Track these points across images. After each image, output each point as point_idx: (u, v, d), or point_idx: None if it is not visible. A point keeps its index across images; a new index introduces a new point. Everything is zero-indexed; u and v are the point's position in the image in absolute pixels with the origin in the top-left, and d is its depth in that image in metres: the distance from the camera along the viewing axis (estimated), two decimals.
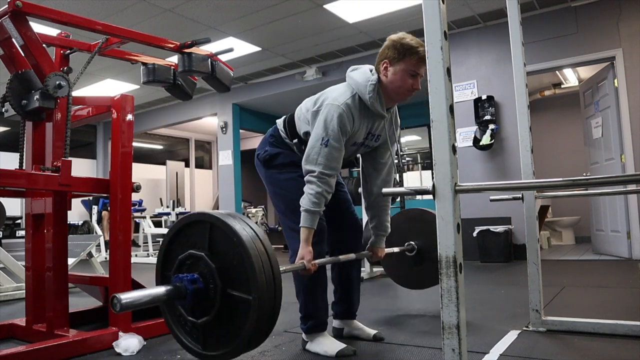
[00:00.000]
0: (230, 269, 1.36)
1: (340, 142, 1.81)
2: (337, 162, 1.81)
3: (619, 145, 4.75)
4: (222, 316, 1.36)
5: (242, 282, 1.33)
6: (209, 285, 1.37)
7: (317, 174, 1.77)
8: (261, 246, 1.35)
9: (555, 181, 1.06)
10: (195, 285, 1.37)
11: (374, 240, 2.17)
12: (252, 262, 1.30)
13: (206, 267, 1.37)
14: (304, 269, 1.74)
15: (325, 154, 1.78)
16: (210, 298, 1.37)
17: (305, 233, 1.76)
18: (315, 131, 1.82)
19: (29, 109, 2.15)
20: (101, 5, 4.52)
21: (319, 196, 1.76)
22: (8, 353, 1.84)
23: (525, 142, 2.14)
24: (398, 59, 1.84)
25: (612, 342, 1.91)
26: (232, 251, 1.35)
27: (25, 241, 2.36)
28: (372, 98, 1.85)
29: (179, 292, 1.36)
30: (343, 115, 1.79)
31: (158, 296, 1.34)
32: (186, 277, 1.38)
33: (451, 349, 1.01)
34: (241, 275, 1.33)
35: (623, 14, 4.70)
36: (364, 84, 1.86)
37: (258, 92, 7.38)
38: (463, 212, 4.86)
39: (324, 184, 1.77)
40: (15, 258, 3.77)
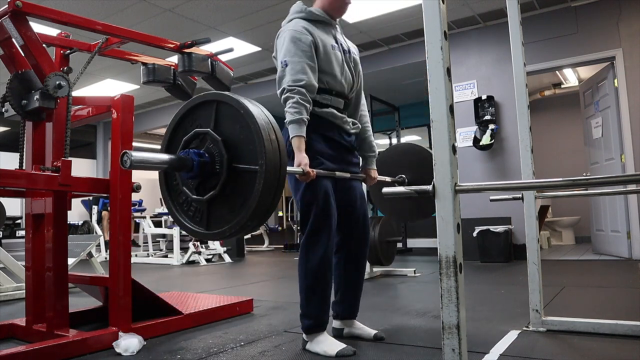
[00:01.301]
0: (237, 143, 1.37)
1: (299, 55, 1.87)
2: (303, 72, 1.86)
3: (619, 145, 4.75)
4: (228, 189, 1.37)
5: (248, 155, 1.34)
6: (215, 159, 1.38)
7: (287, 89, 1.84)
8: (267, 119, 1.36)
9: (555, 181, 1.06)
10: (201, 158, 1.38)
11: (365, 162, 2.21)
12: (260, 131, 1.31)
13: (212, 141, 1.39)
14: (303, 173, 1.77)
15: (289, 70, 1.86)
16: (216, 171, 1.38)
17: (297, 142, 1.81)
18: (277, 62, 1.94)
19: (29, 109, 2.15)
20: (101, 5, 4.52)
21: (297, 105, 1.81)
22: (8, 353, 1.84)
23: (525, 142, 2.14)
24: None
25: (612, 342, 1.91)
26: (239, 124, 1.36)
27: (25, 241, 2.36)
28: (308, 9, 1.99)
29: (186, 162, 1.37)
30: (293, 33, 1.90)
31: (166, 160, 1.36)
32: (193, 150, 1.40)
33: (451, 349, 1.01)
34: (248, 147, 1.34)
35: (623, 14, 4.70)
36: (295, 7, 2.03)
37: (258, 92, 7.38)
38: (463, 212, 4.86)
39: (296, 94, 1.82)
40: (15, 258, 3.77)
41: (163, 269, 5.77)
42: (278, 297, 3.22)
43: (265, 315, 2.73)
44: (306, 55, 1.88)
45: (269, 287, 3.92)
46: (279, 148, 1.35)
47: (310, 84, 1.86)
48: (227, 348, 2.07)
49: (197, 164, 1.37)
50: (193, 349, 2.07)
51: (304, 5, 2.02)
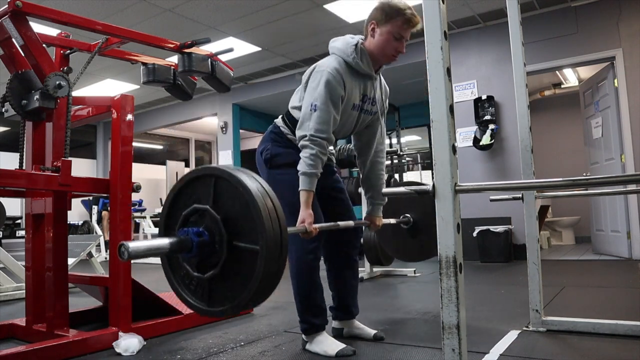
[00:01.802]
0: (236, 220, 1.35)
1: (329, 106, 1.82)
2: (328, 124, 1.82)
3: (619, 145, 4.75)
4: (229, 268, 1.35)
5: (248, 233, 1.32)
6: (215, 237, 1.36)
7: (309, 137, 1.80)
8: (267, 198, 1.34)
9: (555, 181, 1.06)
10: (200, 237, 1.36)
11: (371, 209, 2.17)
12: (259, 210, 1.28)
13: (211, 220, 1.37)
14: (306, 232, 1.74)
15: (315, 117, 1.80)
16: (216, 250, 1.36)
17: (305, 196, 1.78)
18: (305, 99, 1.87)
19: (29, 109, 2.15)
20: (101, 5, 4.52)
21: (314, 157, 1.78)
22: (8, 353, 1.84)
23: (525, 142, 2.14)
24: (385, 21, 1.86)
25: (612, 342, 1.91)
26: (238, 202, 1.34)
27: (25, 241, 2.36)
28: (356, 58, 1.88)
29: (185, 244, 1.35)
30: (330, 79, 1.82)
31: (164, 246, 1.33)
32: (191, 230, 1.37)
33: (451, 349, 1.01)
34: (248, 226, 1.32)
35: (623, 14, 4.70)
36: (344, 47, 1.91)
37: (258, 92, 7.37)
38: (463, 212, 4.86)
39: (316, 146, 1.79)
40: (15, 258, 3.77)
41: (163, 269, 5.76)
42: (278, 297, 3.22)
43: (265, 315, 2.73)
44: (335, 107, 1.84)
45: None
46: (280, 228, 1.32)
47: (330, 137, 1.84)
48: (227, 348, 2.07)
49: (197, 245, 1.35)
50: (193, 349, 2.07)
51: (355, 47, 1.89)
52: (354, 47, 1.89)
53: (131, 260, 1.27)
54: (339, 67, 1.86)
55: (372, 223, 2.16)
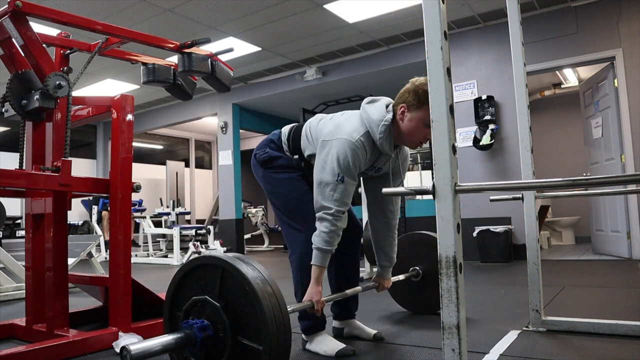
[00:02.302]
0: (241, 316, 1.35)
1: (355, 178, 1.79)
2: (350, 198, 1.80)
3: (619, 145, 4.75)
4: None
5: (252, 331, 1.32)
6: (219, 333, 1.36)
7: (333, 212, 1.73)
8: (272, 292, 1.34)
9: (555, 181, 1.06)
10: (205, 332, 1.36)
11: (380, 272, 2.16)
12: (264, 313, 1.28)
13: (216, 315, 1.37)
14: (312, 307, 1.73)
15: (341, 190, 1.75)
16: (219, 346, 1.37)
17: (317, 272, 1.76)
18: (328, 165, 1.77)
19: (29, 109, 2.15)
20: (101, 5, 4.52)
21: (333, 235, 1.74)
22: (8, 353, 1.84)
23: (525, 142, 2.14)
24: (417, 107, 1.79)
25: (612, 342, 1.91)
26: (244, 299, 1.34)
27: (25, 241, 2.36)
28: (382, 139, 1.81)
29: (189, 339, 1.35)
30: (357, 152, 1.76)
31: (168, 345, 1.33)
32: (196, 323, 1.37)
33: (451, 349, 1.01)
34: (252, 324, 1.32)
35: (623, 14, 4.70)
36: (377, 122, 1.82)
37: (258, 92, 7.37)
38: (463, 212, 4.86)
39: (338, 222, 1.75)
40: (15, 258, 3.77)
41: (163, 269, 5.77)
42: None
43: None
44: (356, 180, 1.81)
45: None
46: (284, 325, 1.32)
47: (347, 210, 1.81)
48: None
49: (201, 340, 1.35)
50: None
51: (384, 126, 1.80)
52: (385, 127, 1.81)
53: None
54: (364, 140, 1.79)
55: (380, 285, 2.16)
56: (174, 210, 8.29)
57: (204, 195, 10.91)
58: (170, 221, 8.24)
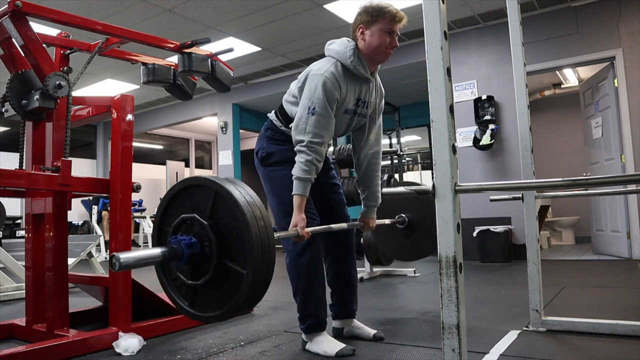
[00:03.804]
0: (229, 240, 1.36)
1: (327, 110, 1.83)
2: (325, 129, 1.83)
3: (619, 145, 4.75)
4: (213, 284, 1.38)
5: (238, 255, 1.34)
6: (205, 250, 1.38)
7: (306, 143, 1.80)
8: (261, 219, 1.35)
9: (555, 181, 1.06)
10: (192, 250, 1.37)
11: (365, 211, 2.17)
12: (252, 239, 1.30)
13: (204, 233, 1.38)
14: (298, 236, 1.74)
15: (313, 122, 1.81)
16: (205, 264, 1.38)
17: (298, 200, 1.79)
18: (302, 102, 1.86)
19: (29, 109, 2.15)
20: (101, 5, 4.52)
21: (309, 164, 1.79)
22: (8, 353, 1.84)
23: (525, 142, 2.14)
24: (372, 21, 1.89)
25: (612, 342, 1.91)
26: (234, 223, 1.35)
27: (25, 241, 2.36)
28: (354, 62, 1.90)
29: (176, 253, 1.37)
30: (327, 83, 1.83)
31: (155, 256, 1.36)
32: (184, 240, 1.38)
33: (451, 349, 1.01)
34: (238, 248, 1.34)
35: (623, 14, 4.70)
36: (343, 50, 1.91)
37: (258, 92, 7.37)
38: (463, 212, 4.86)
39: (313, 152, 1.80)
40: (15, 258, 3.77)
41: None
42: (278, 297, 3.22)
43: (265, 315, 2.73)
44: (331, 111, 1.84)
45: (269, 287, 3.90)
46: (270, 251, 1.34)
47: (326, 142, 1.85)
48: (227, 348, 2.07)
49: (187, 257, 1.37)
50: (193, 349, 2.07)
51: (353, 51, 1.90)
52: (352, 51, 1.90)
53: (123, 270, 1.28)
54: (335, 71, 1.87)
55: (365, 224, 2.16)
56: None
57: None
58: None
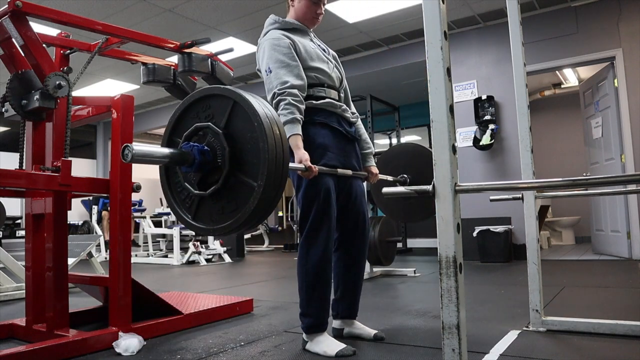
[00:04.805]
0: (242, 151, 1.33)
1: (280, 59, 1.90)
2: (287, 75, 1.89)
3: (619, 145, 4.75)
4: (221, 194, 1.35)
5: (251, 167, 1.31)
6: (217, 160, 1.35)
7: (276, 94, 1.87)
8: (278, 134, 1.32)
9: (555, 181, 1.06)
10: (204, 157, 1.35)
11: (363, 160, 2.21)
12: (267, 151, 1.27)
13: (218, 141, 1.35)
14: (305, 170, 1.79)
15: (272, 76, 1.90)
16: (215, 174, 1.35)
17: (294, 140, 1.83)
18: (262, 70, 1.99)
19: (29, 109, 2.15)
20: (101, 5, 4.52)
21: (289, 106, 1.84)
22: (8, 353, 1.84)
23: (525, 142, 2.14)
24: None
25: (612, 342, 1.91)
26: (249, 135, 1.32)
27: (25, 241, 2.36)
28: (282, 19, 2.03)
29: (187, 158, 1.34)
30: (271, 41, 1.94)
31: (166, 155, 1.34)
32: (197, 146, 1.36)
33: (451, 349, 1.01)
34: (252, 160, 1.31)
35: (623, 14, 4.70)
36: (270, 20, 2.06)
37: (258, 92, 7.32)
38: (463, 212, 4.86)
39: (286, 96, 1.85)
40: (15, 258, 3.77)
41: (163, 269, 5.77)
42: (278, 297, 3.22)
43: (265, 315, 2.73)
44: (288, 57, 1.92)
45: (269, 287, 3.92)
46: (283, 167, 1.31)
47: (297, 84, 1.89)
48: (227, 348, 2.07)
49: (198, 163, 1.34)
50: (193, 349, 2.07)
51: (277, 17, 2.06)
52: (274, 16, 2.06)
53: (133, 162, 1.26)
54: (274, 32, 1.99)
55: (369, 173, 2.20)
56: None
57: None
58: (170, 221, 8.24)
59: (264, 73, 1.96)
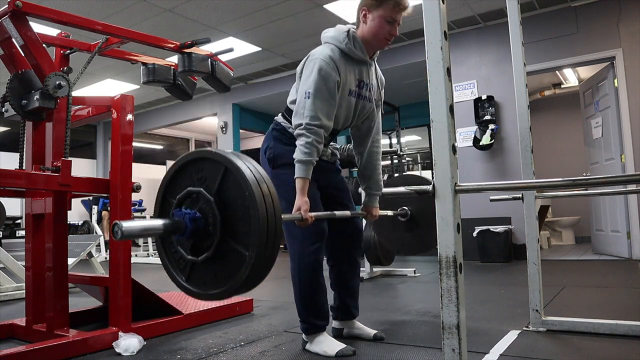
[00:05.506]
0: (234, 218, 1.33)
1: (324, 92, 1.82)
2: (322, 112, 1.82)
3: (619, 145, 4.75)
4: (213, 261, 1.35)
5: (242, 235, 1.30)
6: (209, 227, 1.34)
7: (304, 126, 1.80)
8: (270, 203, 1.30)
9: (555, 181, 1.06)
10: (195, 224, 1.34)
11: (368, 200, 2.15)
12: (259, 221, 1.26)
13: (209, 209, 1.35)
14: (301, 219, 1.73)
15: (310, 105, 1.80)
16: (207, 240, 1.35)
17: (300, 183, 1.78)
18: (300, 87, 1.87)
19: (29, 109, 2.15)
20: (101, 5, 4.52)
21: (309, 146, 1.78)
22: (8, 353, 1.84)
23: (525, 142, 2.14)
24: (376, 6, 1.88)
25: (612, 342, 1.91)
26: (241, 202, 1.31)
27: (25, 241, 2.36)
28: (349, 44, 1.89)
29: (179, 227, 1.34)
30: (323, 66, 1.83)
31: (157, 228, 1.33)
32: (188, 213, 1.35)
33: (451, 349, 1.01)
34: (243, 229, 1.30)
35: (623, 14, 4.70)
36: (337, 35, 1.92)
37: (258, 92, 7.37)
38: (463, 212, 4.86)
39: (312, 134, 1.79)
40: (15, 258, 3.77)
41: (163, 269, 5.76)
42: (278, 297, 3.22)
43: (265, 315, 2.73)
44: (330, 92, 1.84)
45: (268, 287, 3.89)
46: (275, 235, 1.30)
47: (326, 125, 1.83)
48: (227, 348, 2.07)
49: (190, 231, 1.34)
50: (193, 349, 2.07)
51: (347, 34, 1.90)
52: (346, 34, 1.90)
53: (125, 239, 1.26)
54: (332, 54, 1.87)
55: (369, 214, 2.14)
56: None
57: None
58: None
59: (302, 92, 1.85)
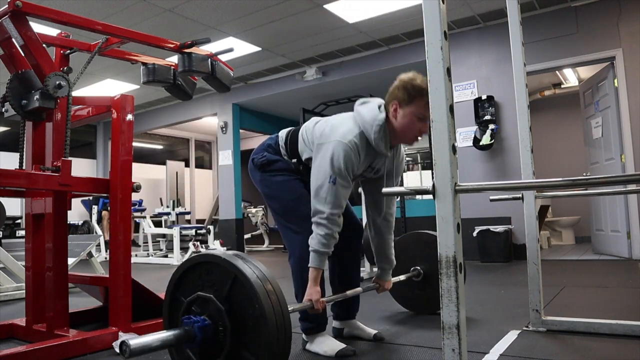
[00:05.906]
0: (245, 327, 1.34)
1: (347, 180, 1.79)
2: (344, 199, 1.80)
3: (619, 145, 4.75)
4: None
5: (253, 345, 1.32)
6: (219, 335, 1.36)
7: (327, 215, 1.75)
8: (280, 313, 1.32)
9: (555, 181, 1.06)
10: (205, 333, 1.36)
11: (380, 274, 2.16)
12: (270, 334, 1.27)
13: (219, 316, 1.36)
14: (312, 308, 1.74)
15: (334, 192, 1.75)
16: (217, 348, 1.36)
17: (314, 273, 1.76)
18: (322, 168, 1.78)
19: (29, 109, 2.15)
20: (101, 5, 4.52)
21: (329, 237, 1.76)
22: (8, 353, 1.84)
23: (525, 142, 2.14)
24: (408, 101, 1.80)
25: (612, 342, 1.91)
26: (251, 311, 1.32)
27: (25, 241, 2.36)
28: (377, 139, 1.82)
29: (188, 336, 1.35)
30: (350, 154, 1.77)
31: (168, 341, 1.33)
32: (197, 321, 1.36)
33: (451, 349, 1.01)
34: (254, 338, 1.32)
35: (623, 14, 4.70)
36: (370, 122, 1.83)
37: (258, 92, 7.37)
38: (463, 212, 4.86)
39: (333, 225, 1.76)
40: (15, 258, 3.77)
41: (163, 269, 5.77)
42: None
43: None
44: (350, 180, 1.81)
45: None
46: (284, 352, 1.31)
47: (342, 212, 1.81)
48: None
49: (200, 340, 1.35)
50: None
51: (378, 125, 1.81)
52: (379, 127, 1.82)
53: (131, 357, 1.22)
54: (358, 141, 1.80)
55: (380, 287, 2.15)
56: (174, 210, 8.29)
57: (204, 195, 10.90)
58: (170, 221, 8.24)
59: (327, 175, 1.76)
